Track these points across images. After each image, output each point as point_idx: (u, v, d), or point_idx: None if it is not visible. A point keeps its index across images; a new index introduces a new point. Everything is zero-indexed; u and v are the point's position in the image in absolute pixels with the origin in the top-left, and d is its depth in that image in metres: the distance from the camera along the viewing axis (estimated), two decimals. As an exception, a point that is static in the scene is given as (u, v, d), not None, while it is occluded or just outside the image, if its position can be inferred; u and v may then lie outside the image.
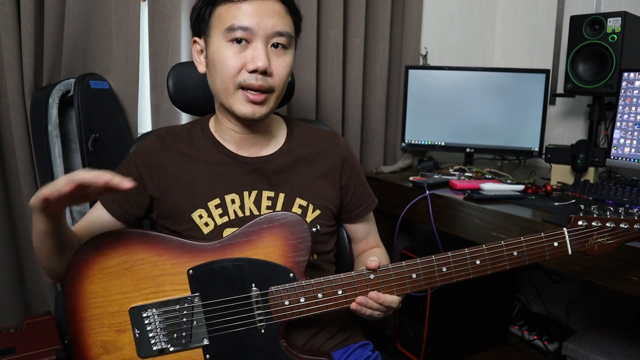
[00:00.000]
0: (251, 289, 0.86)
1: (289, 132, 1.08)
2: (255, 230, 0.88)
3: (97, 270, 0.87)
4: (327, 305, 0.86)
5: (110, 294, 0.87)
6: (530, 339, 2.12)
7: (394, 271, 0.88)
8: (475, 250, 0.88)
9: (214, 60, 0.93)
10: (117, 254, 0.88)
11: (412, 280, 0.87)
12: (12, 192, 1.38)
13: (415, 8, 2.01)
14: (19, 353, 1.19)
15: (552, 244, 0.88)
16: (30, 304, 1.46)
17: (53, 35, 1.34)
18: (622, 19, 1.57)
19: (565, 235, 0.88)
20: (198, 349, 0.86)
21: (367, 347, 1.07)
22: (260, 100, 0.92)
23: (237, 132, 1.00)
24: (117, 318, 0.87)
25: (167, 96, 1.52)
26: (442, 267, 0.87)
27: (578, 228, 0.88)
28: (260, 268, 0.86)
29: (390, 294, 0.88)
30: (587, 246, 0.87)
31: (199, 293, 0.87)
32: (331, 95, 1.83)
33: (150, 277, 0.87)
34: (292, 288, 0.86)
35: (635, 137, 1.54)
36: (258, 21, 0.89)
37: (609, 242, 0.87)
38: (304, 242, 0.87)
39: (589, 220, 0.88)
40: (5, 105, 1.32)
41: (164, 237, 0.90)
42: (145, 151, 1.02)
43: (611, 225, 0.87)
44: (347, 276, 0.86)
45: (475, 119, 1.90)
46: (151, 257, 0.88)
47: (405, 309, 2.00)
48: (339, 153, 1.08)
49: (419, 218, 1.64)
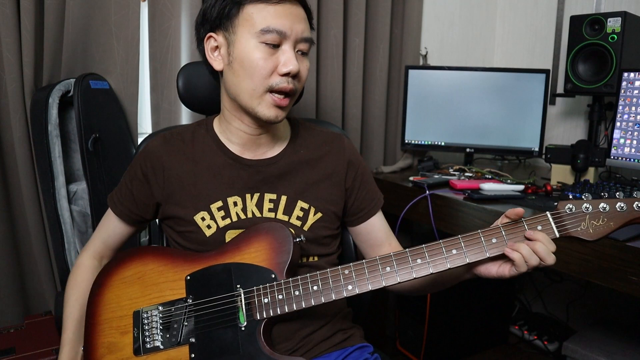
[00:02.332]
0: (235, 289, 0.91)
1: (294, 133, 1.07)
2: (245, 238, 0.95)
3: (116, 280, 0.97)
4: (305, 300, 0.88)
5: (122, 300, 0.96)
6: (530, 339, 2.12)
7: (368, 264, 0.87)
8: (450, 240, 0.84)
9: (242, 60, 0.91)
10: (134, 266, 0.97)
11: (386, 273, 0.85)
12: (12, 192, 1.38)
13: (415, 8, 2.01)
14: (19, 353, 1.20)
15: (535, 227, 0.82)
16: (30, 304, 1.46)
17: (53, 35, 1.34)
18: (622, 19, 1.57)
19: (549, 218, 0.82)
20: (185, 347, 0.90)
21: (366, 349, 1.05)
22: (286, 104, 0.94)
23: (247, 133, 1.00)
24: (123, 321, 0.94)
25: (168, 96, 1.54)
26: (416, 259, 0.85)
27: (564, 212, 0.82)
28: (245, 270, 0.92)
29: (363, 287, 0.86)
30: (580, 230, 0.80)
31: (192, 295, 0.93)
32: (331, 95, 1.83)
33: (155, 284, 0.95)
34: (271, 286, 0.90)
35: (635, 137, 1.54)
36: (291, 25, 0.90)
37: (605, 224, 0.80)
38: (285, 245, 0.92)
39: (577, 204, 0.81)
40: (5, 105, 1.32)
41: (172, 250, 1.00)
42: (151, 154, 1.03)
43: (605, 207, 0.80)
44: (322, 272, 0.88)
45: (475, 119, 1.90)
46: (158, 266, 0.96)
47: (405, 309, 2.00)
48: (343, 155, 1.08)
49: (419, 218, 1.64)
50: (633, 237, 1.14)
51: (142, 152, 1.05)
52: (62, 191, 1.31)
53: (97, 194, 1.33)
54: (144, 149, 1.05)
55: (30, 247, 1.41)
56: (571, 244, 1.21)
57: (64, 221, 1.32)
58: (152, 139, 1.07)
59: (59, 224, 1.31)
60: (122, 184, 1.06)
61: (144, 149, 1.05)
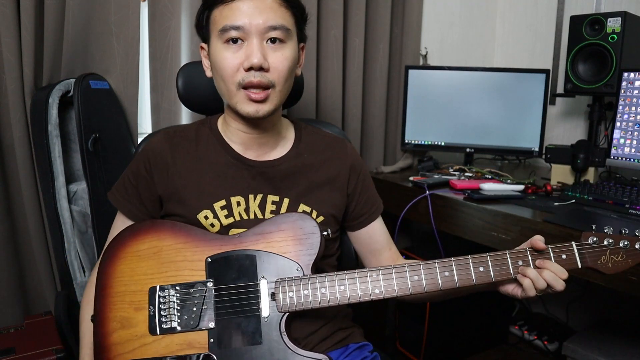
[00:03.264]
0: (259, 279, 0.90)
1: (297, 137, 1.08)
2: (271, 227, 0.93)
3: (129, 253, 0.94)
4: (330, 299, 0.88)
5: (136, 274, 0.92)
6: (530, 339, 2.12)
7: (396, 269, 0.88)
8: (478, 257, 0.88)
9: (214, 63, 0.94)
10: (149, 239, 0.94)
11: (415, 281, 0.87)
12: (12, 192, 1.38)
13: (415, 8, 2.01)
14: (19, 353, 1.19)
15: (560, 256, 0.87)
16: (30, 304, 1.46)
17: (53, 35, 1.34)
18: (622, 19, 1.57)
19: (574, 249, 0.86)
20: (204, 331, 0.89)
21: (366, 348, 1.06)
22: (261, 98, 0.92)
23: (245, 132, 1.00)
24: (137, 296, 0.91)
25: (167, 96, 1.54)
26: (444, 271, 0.87)
27: (588, 244, 0.86)
28: (270, 261, 0.91)
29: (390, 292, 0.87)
30: (600, 263, 0.85)
31: (213, 279, 0.91)
32: (331, 95, 1.83)
33: (173, 261, 0.92)
34: (297, 280, 0.89)
35: (635, 137, 1.54)
36: (250, 18, 0.89)
37: (624, 260, 0.85)
38: (313, 240, 0.91)
39: (600, 237, 0.86)
40: (5, 105, 1.31)
41: (191, 227, 0.96)
42: (153, 150, 1.02)
43: (625, 244, 0.85)
44: (349, 273, 0.89)
45: (475, 119, 1.90)
46: (177, 244, 0.93)
47: (405, 309, 2.00)
48: (346, 160, 1.08)
49: (419, 218, 1.64)
50: (633, 237, 1.14)
51: (144, 150, 1.04)
52: (62, 191, 1.31)
53: (97, 194, 1.33)
54: (145, 146, 1.05)
55: (30, 247, 1.40)
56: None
57: (64, 221, 1.32)
58: (155, 137, 1.06)
59: (59, 224, 1.31)
60: (126, 183, 1.04)
61: (145, 146, 1.05)
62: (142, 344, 0.89)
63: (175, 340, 0.89)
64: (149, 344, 0.89)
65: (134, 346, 0.89)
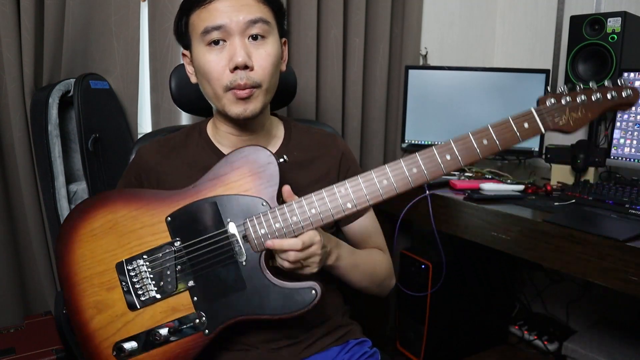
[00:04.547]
0: (226, 224, 0.87)
1: (287, 135, 1.07)
2: (225, 168, 0.89)
3: (84, 234, 0.90)
4: (304, 225, 0.84)
5: (97, 254, 0.89)
6: (530, 339, 2.12)
7: (363, 179, 0.84)
8: (443, 145, 0.83)
9: (199, 68, 0.93)
10: (101, 215, 0.91)
11: (385, 186, 0.83)
12: (12, 192, 1.38)
13: (415, 8, 2.01)
14: (19, 353, 1.19)
15: (522, 125, 0.84)
16: (30, 304, 1.46)
17: (53, 35, 1.34)
18: (622, 19, 1.57)
19: (534, 115, 0.85)
20: (184, 292, 0.87)
21: (365, 344, 1.07)
22: (245, 95, 0.90)
23: (235, 135, 1.00)
24: (105, 276, 0.89)
25: (167, 96, 1.53)
26: (412, 168, 0.83)
27: (547, 107, 0.85)
28: (233, 203, 0.87)
29: (363, 203, 0.83)
30: (562, 123, 0.85)
31: (179, 237, 0.88)
32: (331, 95, 1.83)
33: (132, 231, 0.89)
34: (265, 216, 0.85)
35: (635, 137, 1.54)
36: (229, 17, 0.88)
37: (584, 115, 0.84)
38: (271, 171, 0.87)
39: (557, 97, 0.85)
40: (5, 105, 1.32)
41: (140, 190, 0.93)
42: (144, 160, 1.03)
43: (583, 99, 0.84)
44: (317, 193, 0.85)
45: (475, 119, 1.89)
46: (131, 212, 0.90)
47: (405, 309, 2.00)
48: (337, 154, 1.08)
49: (419, 218, 1.64)
50: (633, 237, 1.14)
51: (135, 161, 1.05)
52: (62, 191, 1.31)
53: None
54: (136, 156, 1.05)
55: (30, 247, 1.40)
56: (571, 244, 1.21)
57: (64, 221, 1.32)
58: (145, 145, 1.06)
59: (59, 224, 1.31)
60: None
61: (136, 156, 1.05)
62: (125, 322, 0.88)
63: (158, 310, 0.87)
64: (132, 321, 0.88)
65: (117, 327, 0.88)
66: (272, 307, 0.84)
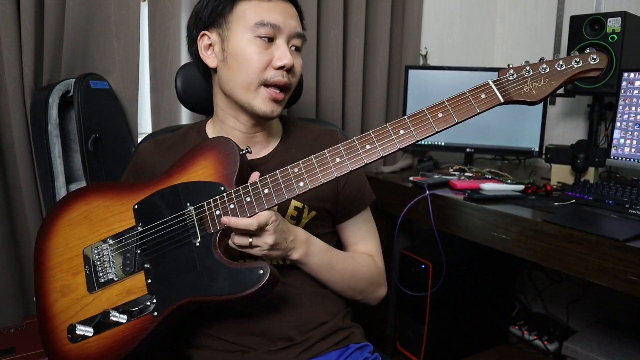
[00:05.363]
0: (186, 207, 0.89)
1: (286, 132, 1.08)
2: (190, 158, 0.93)
3: (62, 224, 0.95)
4: (257, 205, 0.85)
5: (70, 241, 0.93)
6: (530, 339, 2.12)
7: (317, 158, 0.84)
8: (396, 122, 0.83)
9: (237, 54, 0.93)
10: (78, 206, 0.95)
11: (337, 163, 0.83)
12: (12, 192, 1.38)
13: (415, 8, 2.01)
14: (19, 353, 1.19)
15: (479, 96, 0.84)
16: (30, 304, 1.45)
17: (53, 35, 1.34)
18: (622, 19, 1.57)
19: (492, 86, 0.84)
20: (140, 274, 0.88)
21: (366, 349, 1.05)
22: (281, 98, 0.95)
23: (242, 131, 1.00)
24: (73, 262, 0.92)
25: (167, 96, 1.54)
26: (365, 145, 0.83)
27: (506, 78, 0.85)
28: (193, 188, 0.90)
29: (315, 181, 0.83)
30: (523, 93, 0.83)
31: (142, 222, 0.91)
32: (331, 95, 1.83)
33: (102, 219, 0.93)
34: (221, 197, 0.87)
35: (635, 137, 1.54)
36: (284, 20, 0.93)
37: (547, 84, 0.82)
38: (232, 158, 0.89)
39: (518, 69, 0.85)
40: (5, 105, 1.32)
41: (117, 183, 0.98)
42: (142, 159, 1.04)
43: (544, 68, 0.82)
44: (271, 174, 0.85)
45: (475, 119, 1.89)
46: (104, 202, 0.94)
47: (405, 309, 2.00)
48: None
49: (419, 218, 1.64)
50: (633, 237, 1.14)
51: (134, 159, 1.06)
52: (62, 191, 1.31)
53: (97, 194, 1.33)
54: (136, 157, 1.07)
55: (31, 248, 1.40)
56: (571, 244, 1.21)
57: (64, 221, 1.32)
58: (144, 144, 1.08)
59: (59, 224, 1.31)
60: None
61: (136, 157, 1.07)
62: (84, 305, 0.89)
63: (114, 292, 0.89)
64: (90, 303, 0.89)
65: (75, 310, 0.90)
66: (219, 287, 0.84)
